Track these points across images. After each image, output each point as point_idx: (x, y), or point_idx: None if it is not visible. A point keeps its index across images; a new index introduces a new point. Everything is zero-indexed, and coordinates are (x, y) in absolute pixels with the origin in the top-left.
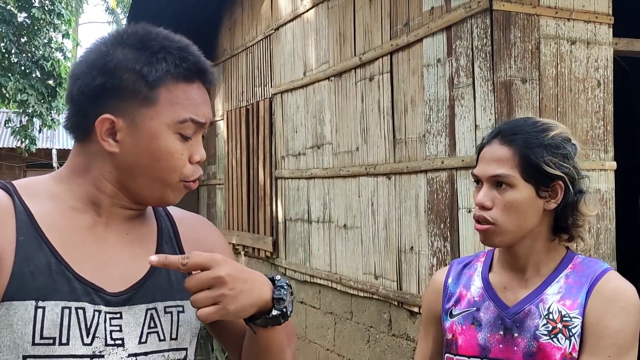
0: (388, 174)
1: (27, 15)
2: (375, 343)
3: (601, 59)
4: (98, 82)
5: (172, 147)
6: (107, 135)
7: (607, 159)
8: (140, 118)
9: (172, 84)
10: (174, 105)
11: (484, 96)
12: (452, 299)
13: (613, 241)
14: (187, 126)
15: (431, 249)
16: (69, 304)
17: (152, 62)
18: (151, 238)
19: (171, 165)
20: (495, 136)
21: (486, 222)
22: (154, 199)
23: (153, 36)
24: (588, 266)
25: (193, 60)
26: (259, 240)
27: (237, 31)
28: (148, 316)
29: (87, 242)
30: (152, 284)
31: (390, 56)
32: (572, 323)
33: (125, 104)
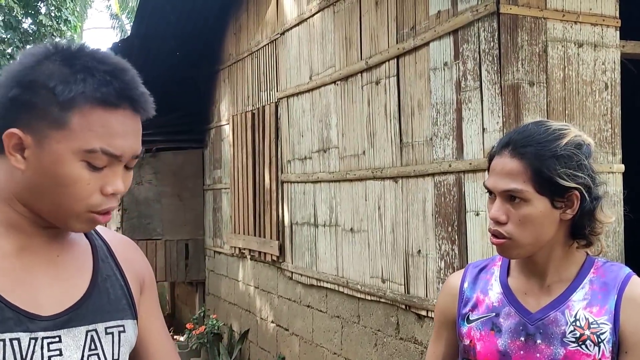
0: (395, 178)
1: (33, 22)
2: (383, 347)
3: (608, 61)
4: (12, 94)
5: (77, 175)
6: (15, 151)
7: (615, 161)
8: (47, 139)
9: (87, 109)
10: (84, 132)
11: (491, 99)
12: (468, 304)
13: (621, 243)
14: (96, 157)
15: (439, 252)
16: (3, 335)
17: (69, 81)
18: (86, 256)
19: (74, 193)
20: (505, 146)
21: (502, 236)
22: (60, 225)
23: (82, 54)
24: (611, 270)
25: (117, 85)
26: (265, 244)
27: (242, 36)
28: (88, 338)
29: (16, 268)
30: (91, 305)
31: (396, 60)
32: (601, 329)
33: (35, 121)
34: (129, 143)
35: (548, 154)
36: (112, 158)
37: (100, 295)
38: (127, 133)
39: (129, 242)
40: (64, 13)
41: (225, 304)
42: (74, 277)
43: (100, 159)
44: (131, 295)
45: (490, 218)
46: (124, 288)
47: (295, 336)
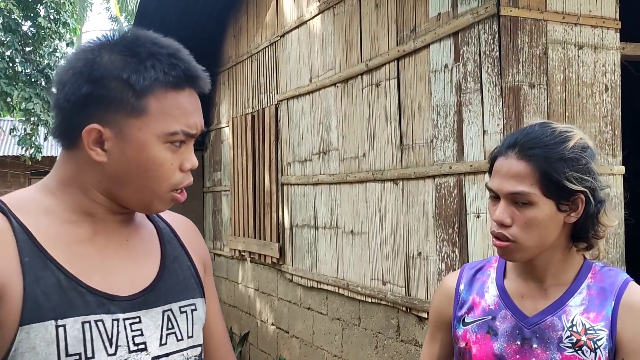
0: (395, 180)
1: (33, 24)
2: (384, 349)
3: (609, 63)
4: (85, 91)
5: (162, 157)
6: (95, 145)
7: (615, 163)
8: (128, 129)
9: (162, 93)
10: (163, 116)
11: (491, 101)
12: (464, 306)
13: (622, 245)
14: (177, 137)
15: (439, 254)
16: (88, 317)
17: (139, 70)
18: (153, 240)
19: (160, 175)
20: (510, 147)
21: (506, 239)
22: (141, 208)
23: (141, 42)
24: (608, 276)
25: (183, 67)
26: (265, 247)
27: (242, 38)
28: (165, 318)
29: (90, 253)
30: (164, 285)
31: (397, 62)
32: (597, 335)
33: (112, 114)
34: (199, 120)
35: (556, 156)
36: (188, 137)
37: (171, 276)
38: (197, 110)
39: (189, 223)
40: (63, 16)
41: (225, 306)
42: (145, 260)
43: (180, 138)
44: (198, 275)
45: (494, 220)
46: (191, 268)
47: (295, 338)
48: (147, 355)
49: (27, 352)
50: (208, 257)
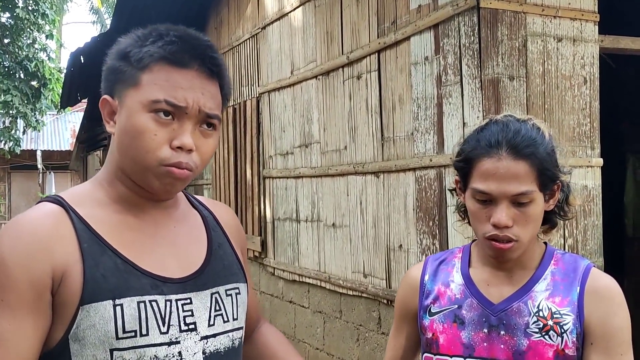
0: (376, 173)
1: (11, 16)
2: (365, 341)
3: (587, 56)
4: (106, 65)
5: (144, 125)
6: (110, 117)
7: (593, 155)
8: (126, 98)
9: (156, 66)
10: (150, 86)
11: (471, 94)
12: (429, 296)
13: (600, 237)
14: (160, 106)
15: (420, 246)
16: (143, 298)
17: (141, 45)
18: (200, 227)
19: (143, 144)
20: (497, 147)
21: (511, 240)
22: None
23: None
24: (569, 262)
25: (184, 46)
26: (247, 240)
27: (223, 30)
28: (213, 300)
29: (142, 240)
30: (211, 270)
31: (377, 54)
32: (564, 320)
33: (119, 85)
34: (194, 96)
35: (545, 150)
36: (178, 110)
37: (217, 262)
38: (194, 88)
39: (230, 212)
40: (42, 7)
41: None
42: (193, 246)
43: (164, 108)
44: (239, 260)
45: (495, 224)
46: (233, 255)
47: None
48: (196, 335)
49: (88, 329)
50: (246, 244)
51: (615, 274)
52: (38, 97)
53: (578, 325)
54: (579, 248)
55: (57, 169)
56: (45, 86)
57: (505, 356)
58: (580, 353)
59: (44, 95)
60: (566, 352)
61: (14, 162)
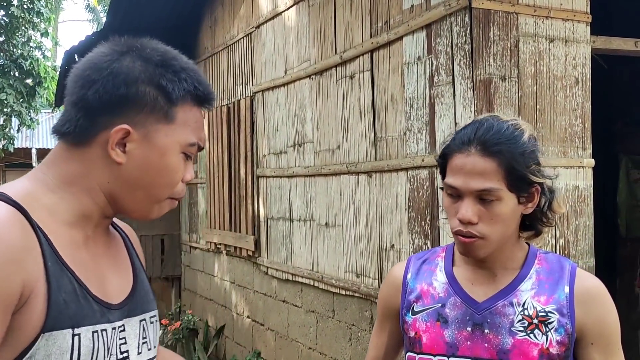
0: (369, 172)
1: (6, 14)
2: (357, 341)
3: (579, 56)
4: (121, 92)
5: (177, 165)
6: (118, 145)
7: (585, 156)
8: (155, 133)
9: (188, 106)
10: (186, 127)
11: (463, 94)
12: (412, 295)
13: (591, 237)
14: (193, 149)
15: (412, 246)
16: (96, 327)
17: (175, 80)
18: (123, 249)
19: (171, 182)
20: (469, 144)
21: (473, 236)
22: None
23: (173, 55)
24: (553, 261)
25: (205, 84)
26: (240, 239)
27: (217, 29)
28: (141, 327)
29: (87, 259)
30: (138, 296)
31: (370, 54)
32: (549, 318)
33: (143, 117)
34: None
35: (518, 150)
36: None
37: (141, 287)
38: (203, 126)
39: (132, 230)
40: (37, 5)
41: (201, 299)
42: (123, 269)
43: (194, 150)
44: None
45: (459, 218)
46: (148, 279)
47: (270, 331)
48: None
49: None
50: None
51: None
52: (33, 96)
53: (570, 326)
54: (570, 249)
55: None
56: (40, 84)
57: (489, 355)
58: (568, 352)
59: (38, 94)
60: (550, 351)
61: (9, 161)
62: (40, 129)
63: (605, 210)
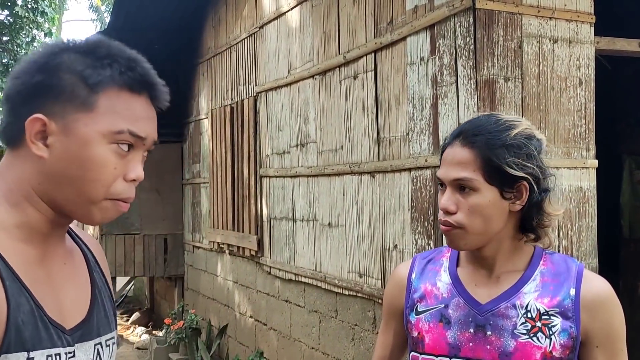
0: (372, 173)
1: (10, 13)
2: (360, 341)
3: (583, 57)
4: (36, 80)
5: (105, 158)
6: (37, 138)
7: (588, 156)
8: (75, 123)
9: (114, 92)
10: (112, 114)
11: (467, 94)
12: (416, 295)
13: (594, 238)
14: (123, 137)
15: (415, 246)
16: (50, 351)
17: (96, 65)
18: (83, 266)
19: (100, 177)
20: (456, 137)
21: (451, 225)
22: (79, 215)
23: (103, 44)
24: (559, 263)
25: (141, 71)
26: (243, 239)
27: (221, 29)
28: (95, 351)
29: (42, 278)
30: (95, 318)
31: (374, 55)
32: (552, 321)
33: (60, 106)
34: (152, 128)
35: (498, 143)
36: (137, 141)
37: (99, 308)
38: (149, 118)
39: (98, 243)
40: (42, 4)
41: (204, 298)
42: (80, 288)
43: (127, 140)
44: (114, 305)
45: (440, 208)
46: (111, 298)
47: (273, 331)
48: None
49: None
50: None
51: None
52: None
53: (574, 330)
54: (574, 249)
55: None
56: None
57: (491, 357)
58: (572, 356)
59: None
60: (554, 355)
61: None
62: None
63: (608, 211)
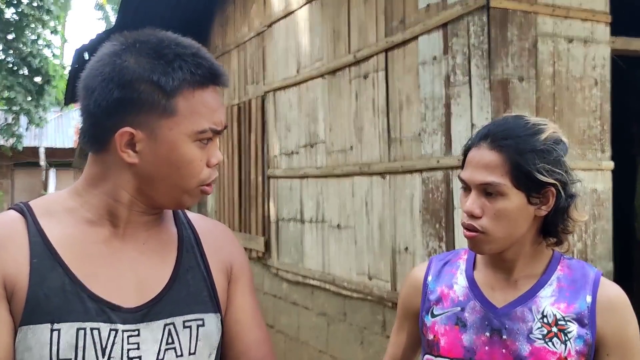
0: (382, 174)
1: (15, 12)
2: (369, 345)
3: (598, 57)
4: (116, 96)
5: (192, 155)
6: (127, 147)
7: (603, 158)
8: (160, 129)
9: (189, 92)
10: (192, 115)
11: (480, 95)
12: (432, 297)
13: (609, 241)
14: (206, 135)
15: (426, 249)
16: (84, 324)
17: (168, 71)
18: (171, 246)
19: (191, 172)
20: (483, 138)
21: (475, 230)
22: (172, 204)
23: (166, 44)
24: (577, 269)
25: (207, 65)
26: (250, 241)
27: (229, 28)
28: (166, 332)
29: (103, 255)
30: (171, 297)
31: (385, 54)
32: (568, 327)
33: (144, 116)
34: (223, 115)
35: (527, 147)
36: (215, 133)
37: (181, 288)
38: (220, 107)
39: (218, 228)
40: (47, 3)
41: None
42: (157, 267)
43: (209, 136)
44: (214, 288)
45: (464, 211)
46: (206, 280)
47: (280, 333)
48: None
49: (26, 351)
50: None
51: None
52: (41, 94)
53: (590, 337)
54: (588, 252)
55: (61, 166)
56: (49, 83)
57: None
58: None
59: (47, 92)
60: None
61: (18, 159)
62: (48, 128)
63: (622, 213)
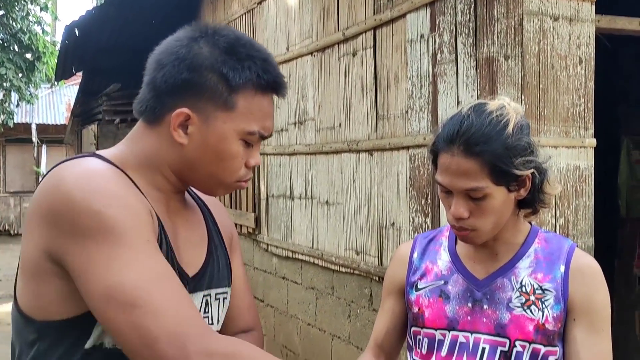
0: (370, 151)
1: None
2: (356, 318)
3: (583, 36)
4: (184, 77)
5: (236, 151)
6: (179, 127)
7: (587, 136)
8: (215, 119)
9: (251, 93)
10: (247, 115)
11: (466, 72)
12: (417, 273)
13: (591, 217)
14: (254, 138)
15: (412, 225)
16: None
17: (237, 68)
18: (201, 224)
19: (230, 167)
20: (451, 143)
21: (466, 230)
22: (204, 190)
23: (242, 42)
24: (553, 241)
25: (274, 73)
26: (241, 217)
27: (219, 5)
28: (204, 302)
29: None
30: (209, 271)
31: (373, 31)
32: (545, 295)
33: (203, 102)
34: (272, 124)
35: (500, 148)
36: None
37: (214, 263)
38: (272, 115)
39: (220, 206)
40: None
41: None
42: (198, 242)
43: (256, 138)
44: (229, 263)
45: (452, 215)
46: (226, 256)
47: (270, 307)
48: None
49: None
50: (235, 234)
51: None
52: (32, 70)
53: (562, 303)
54: (570, 228)
55: (52, 142)
56: (40, 59)
57: (487, 329)
58: (562, 329)
59: (38, 69)
60: (546, 327)
61: (9, 135)
62: (39, 104)
63: (606, 191)
